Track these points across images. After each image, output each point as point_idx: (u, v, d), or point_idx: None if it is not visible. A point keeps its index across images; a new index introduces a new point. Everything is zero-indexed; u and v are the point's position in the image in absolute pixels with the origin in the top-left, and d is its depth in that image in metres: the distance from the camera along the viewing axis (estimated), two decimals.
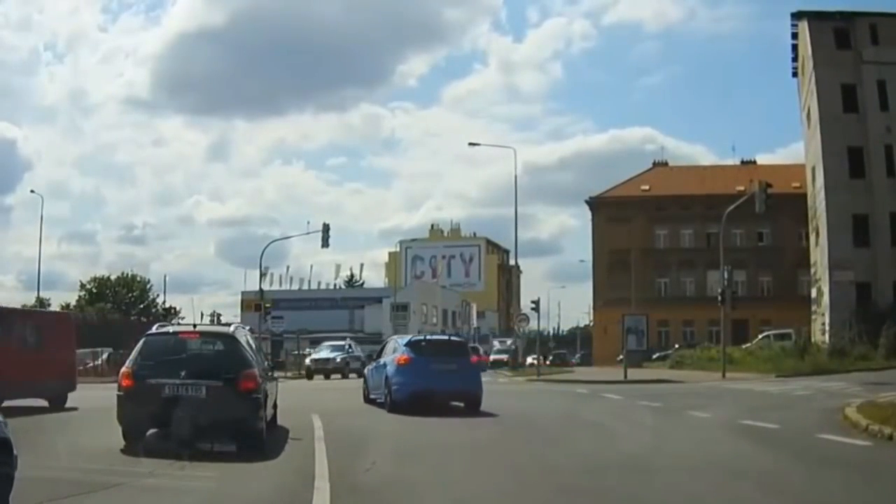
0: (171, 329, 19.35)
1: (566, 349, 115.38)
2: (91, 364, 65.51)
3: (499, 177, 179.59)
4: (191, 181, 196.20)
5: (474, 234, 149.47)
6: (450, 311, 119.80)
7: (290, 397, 26.01)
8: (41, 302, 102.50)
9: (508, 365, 75.55)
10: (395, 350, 28.14)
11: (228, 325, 22.23)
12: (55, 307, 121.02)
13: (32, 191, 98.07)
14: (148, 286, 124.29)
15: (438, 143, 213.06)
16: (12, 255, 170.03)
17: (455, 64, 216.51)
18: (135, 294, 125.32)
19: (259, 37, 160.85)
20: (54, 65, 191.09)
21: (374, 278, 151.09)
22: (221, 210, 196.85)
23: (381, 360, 28.95)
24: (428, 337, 29.74)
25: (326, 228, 64.37)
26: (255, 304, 68.33)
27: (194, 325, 20.11)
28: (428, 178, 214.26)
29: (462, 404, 26.52)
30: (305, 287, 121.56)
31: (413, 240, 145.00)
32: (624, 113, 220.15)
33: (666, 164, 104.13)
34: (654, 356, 73.95)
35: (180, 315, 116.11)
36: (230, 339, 18.04)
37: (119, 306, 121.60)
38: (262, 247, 67.60)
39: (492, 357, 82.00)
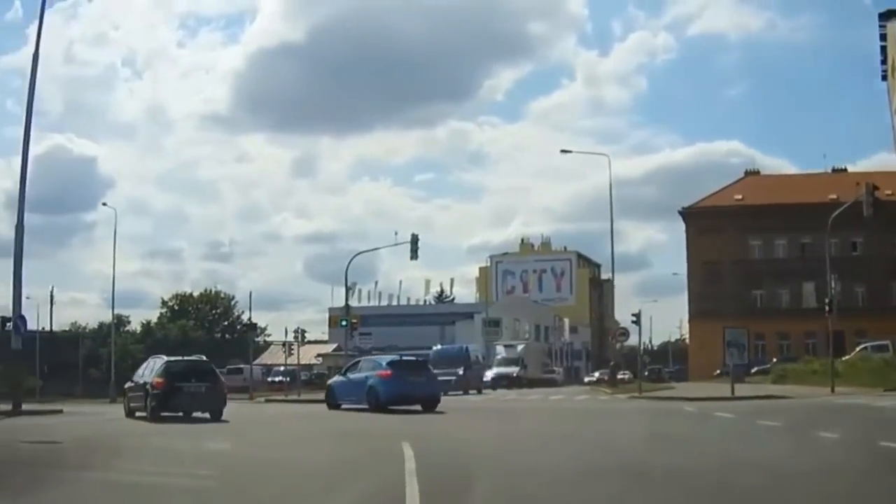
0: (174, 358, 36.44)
1: (658, 364, 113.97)
2: None
3: (586, 191, 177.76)
4: (276, 197, 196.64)
5: (565, 248, 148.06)
6: (542, 326, 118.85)
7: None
8: (119, 319, 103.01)
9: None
10: (375, 367, 37.27)
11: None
12: (135, 325, 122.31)
13: (105, 203, 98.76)
14: (232, 303, 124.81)
15: (525, 157, 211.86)
16: (94, 273, 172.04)
17: (541, 78, 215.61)
18: (218, 311, 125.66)
19: (341, 52, 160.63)
20: (132, 81, 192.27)
21: (464, 294, 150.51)
22: (308, 226, 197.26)
23: (357, 375, 38.04)
24: (403, 357, 41.27)
25: (415, 240, 63.36)
26: (340, 321, 67.86)
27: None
28: (516, 193, 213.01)
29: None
30: (395, 303, 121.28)
31: (504, 254, 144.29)
32: (707, 125, 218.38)
33: (757, 172, 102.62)
34: (753, 370, 72.25)
35: (266, 332, 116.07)
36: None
37: (202, 323, 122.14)
38: (346, 265, 66.99)
39: (492, 372, 76.80)
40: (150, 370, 34.45)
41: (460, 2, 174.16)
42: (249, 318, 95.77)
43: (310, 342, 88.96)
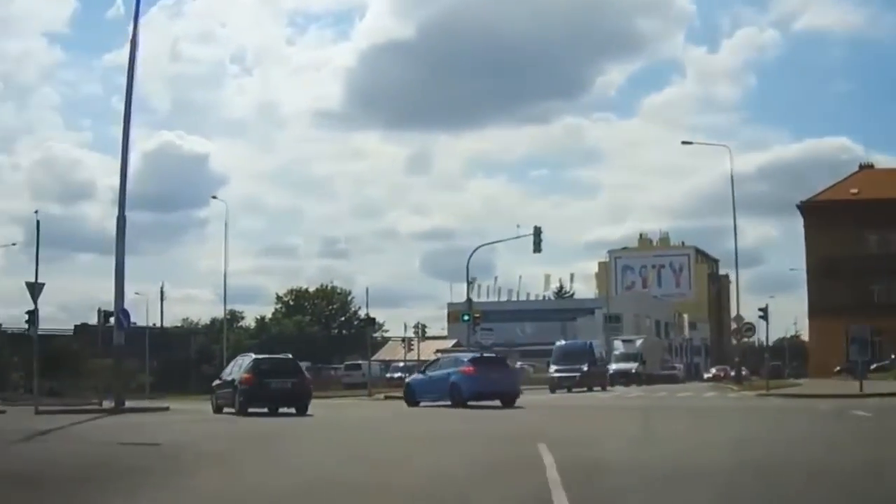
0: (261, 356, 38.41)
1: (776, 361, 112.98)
2: None
3: (702, 186, 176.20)
4: (391, 194, 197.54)
5: (682, 243, 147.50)
6: (662, 322, 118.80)
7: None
8: (233, 315, 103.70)
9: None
10: (458, 364, 38.58)
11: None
12: (249, 321, 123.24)
13: (215, 196, 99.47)
14: (349, 298, 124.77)
15: (639, 153, 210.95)
16: (208, 269, 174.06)
17: (652, 74, 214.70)
18: (335, 307, 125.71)
19: (451, 49, 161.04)
20: (242, 78, 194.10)
21: (582, 290, 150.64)
22: (424, 223, 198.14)
23: (439, 373, 39.29)
24: (485, 355, 45.84)
25: (538, 232, 63.48)
26: (462, 316, 68.31)
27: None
28: (630, 189, 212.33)
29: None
30: (514, 298, 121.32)
31: (624, 248, 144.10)
32: (816, 121, 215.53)
33: (871, 166, 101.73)
34: (872, 367, 71.71)
35: (384, 328, 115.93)
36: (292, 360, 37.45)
37: (318, 319, 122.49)
38: (467, 260, 67.60)
39: (613, 368, 75.60)
40: (238, 368, 36.37)
41: None
42: (367, 314, 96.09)
43: (428, 338, 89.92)
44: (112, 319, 40.74)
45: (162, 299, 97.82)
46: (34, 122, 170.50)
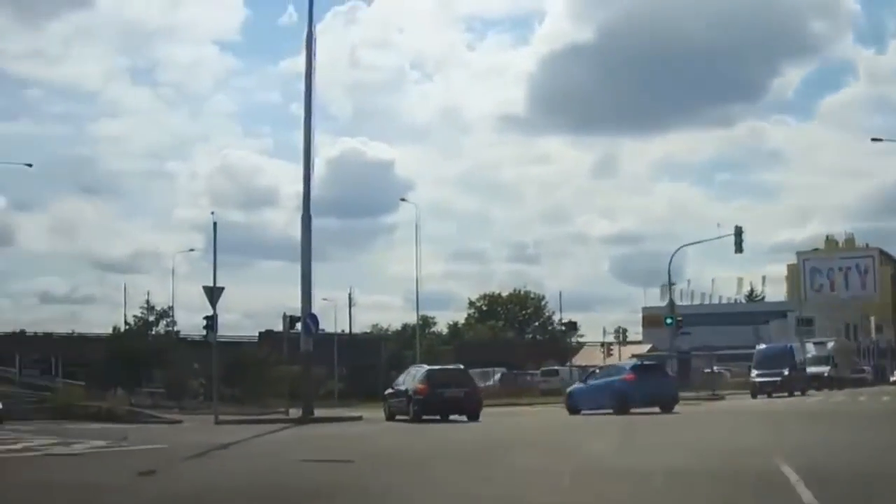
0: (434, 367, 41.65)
1: None
2: (482, 385, 66.36)
3: (883, 188, 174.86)
4: (579, 199, 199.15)
5: (867, 244, 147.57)
6: (851, 325, 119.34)
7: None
8: (425, 320, 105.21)
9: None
10: (620, 373, 41.50)
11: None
12: (441, 326, 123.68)
13: (403, 199, 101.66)
14: (543, 302, 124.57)
15: (819, 155, 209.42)
16: (396, 275, 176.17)
17: (826, 76, 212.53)
18: (528, 311, 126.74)
19: (631, 53, 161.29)
20: (423, 83, 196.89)
21: (769, 293, 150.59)
22: (612, 227, 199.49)
23: (599, 381, 41.64)
24: (644, 363, 48.42)
25: (739, 232, 63.56)
26: (658, 320, 68.80)
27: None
28: (812, 191, 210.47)
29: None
30: (706, 302, 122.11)
31: (814, 250, 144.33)
32: None
33: None
34: None
35: (579, 333, 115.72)
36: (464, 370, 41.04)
37: (511, 324, 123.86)
38: (660, 263, 69.73)
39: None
40: (412, 378, 38.90)
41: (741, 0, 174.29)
42: (560, 318, 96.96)
43: (610, 344, 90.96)
44: (299, 325, 41.20)
45: (350, 305, 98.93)
46: (210, 130, 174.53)
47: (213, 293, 39.20)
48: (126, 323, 79.90)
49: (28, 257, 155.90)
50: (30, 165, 69.45)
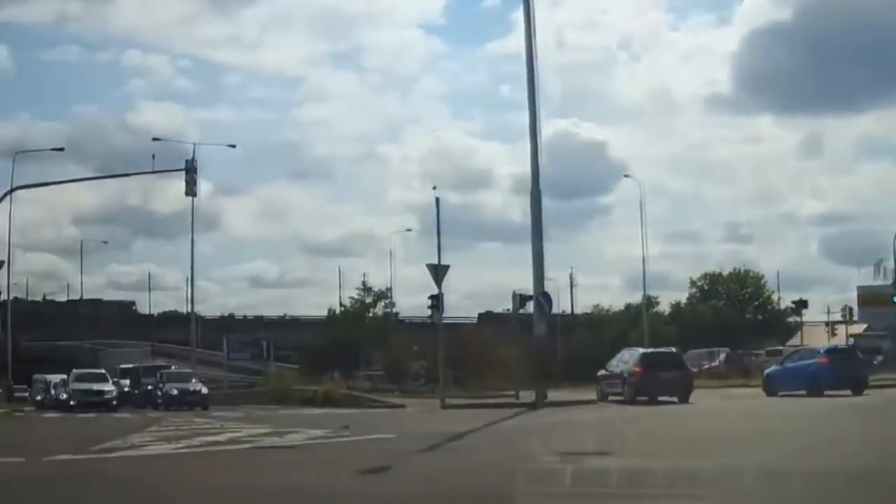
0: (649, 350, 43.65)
1: None
2: (707, 365, 65.16)
3: None
4: (787, 179, 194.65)
5: None
6: None
7: None
8: (648, 300, 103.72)
9: None
10: (814, 356, 41.63)
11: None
12: (664, 307, 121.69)
13: (627, 175, 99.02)
14: (762, 282, 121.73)
15: None
16: (616, 256, 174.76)
17: None
18: (748, 290, 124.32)
19: (832, 31, 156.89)
20: (631, 64, 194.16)
21: None
22: (819, 207, 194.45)
23: (796, 364, 42.00)
24: (838, 346, 51.07)
25: None
26: (877, 299, 67.38)
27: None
28: None
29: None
30: None
31: None
32: None
33: None
34: None
35: (797, 314, 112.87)
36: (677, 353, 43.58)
37: (732, 303, 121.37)
38: (867, 243, 66.89)
39: None
40: (626, 361, 40.59)
41: None
42: (779, 298, 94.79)
43: (837, 322, 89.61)
44: (529, 305, 39.33)
45: (572, 286, 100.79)
46: (421, 113, 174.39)
47: (439, 271, 38.96)
48: (341, 305, 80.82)
49: (236, 242, 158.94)
50: (233, 146, 70.06)
